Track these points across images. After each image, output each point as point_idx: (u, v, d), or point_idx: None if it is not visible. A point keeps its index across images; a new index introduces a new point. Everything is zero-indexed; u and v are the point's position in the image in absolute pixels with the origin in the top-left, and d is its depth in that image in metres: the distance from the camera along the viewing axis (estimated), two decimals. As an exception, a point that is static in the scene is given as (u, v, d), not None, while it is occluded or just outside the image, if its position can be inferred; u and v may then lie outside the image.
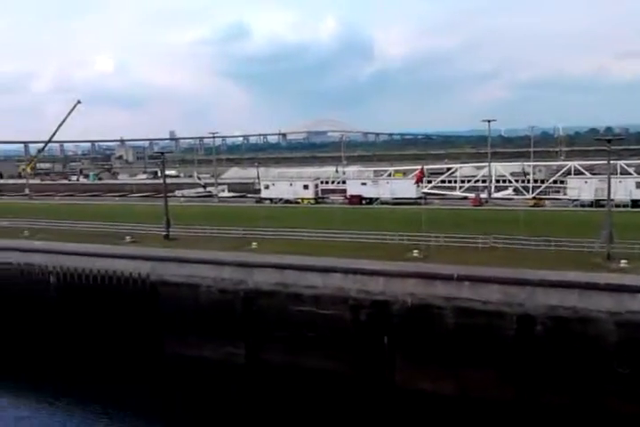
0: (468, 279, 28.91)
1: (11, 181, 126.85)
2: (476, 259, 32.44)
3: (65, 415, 29.52)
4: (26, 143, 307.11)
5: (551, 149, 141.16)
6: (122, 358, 34.89)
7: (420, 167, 60.27)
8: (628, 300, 25.75)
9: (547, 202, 60.78)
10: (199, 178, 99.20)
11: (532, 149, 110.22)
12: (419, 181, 58.94)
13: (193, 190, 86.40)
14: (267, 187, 69.92)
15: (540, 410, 26.12)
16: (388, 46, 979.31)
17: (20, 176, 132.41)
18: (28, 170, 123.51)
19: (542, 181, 68.51)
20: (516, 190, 68.50)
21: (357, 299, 30.43)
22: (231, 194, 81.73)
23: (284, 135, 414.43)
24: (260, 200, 69.38)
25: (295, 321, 31.46)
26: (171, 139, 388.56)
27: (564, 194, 61.85)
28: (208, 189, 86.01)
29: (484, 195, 64.34)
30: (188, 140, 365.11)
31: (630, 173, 62.64)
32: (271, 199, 68.66)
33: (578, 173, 65.78)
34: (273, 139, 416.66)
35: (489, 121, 68.81)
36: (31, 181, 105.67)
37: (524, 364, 26.92)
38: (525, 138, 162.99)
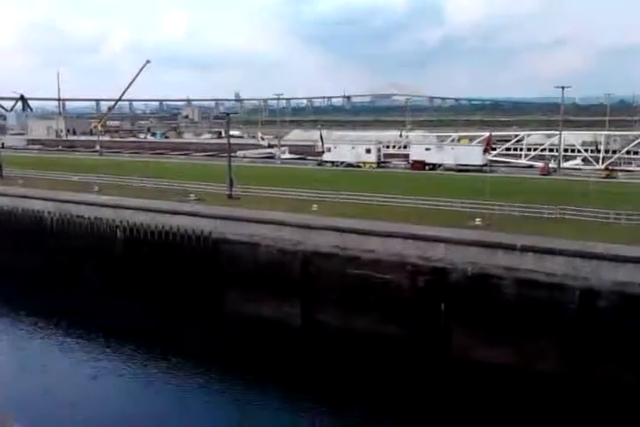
0: (531, 250, 28.16)
1: (83, 138, 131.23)
2: (542, 230, 31.48)
3: (125, 364, 30.97)
4: (97, 101, 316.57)
5: (629, 118, 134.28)
6: (182, 313, 36.14)
7: (486, 134, 58.56)
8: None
9: (619, 173, 58.13)
10: (262, 139, 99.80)
11: (607, 118, 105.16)
12: (487, 147, 57.42)
13: (255, 151, 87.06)
14: (329, 150, 69.61)
15: (596, 386, 25.54)
16: (458, 10, 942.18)
17: (91, 133, 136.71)
18: (99, 127, 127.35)
19: (614, 152, 65.44)
20: (584, 160, 65.81)
21: (416, 265, 30.24)
22: (291, 156, 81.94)
23: (348, 98, 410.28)
24: (322, 163, 69.25)
25: (352, 284, 31.62)
26: (236, 100, 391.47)
27: (638, 166, 58.95)
28: (269, 150, 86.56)
29: (552, 164, 62.10)
30: (252, 102, 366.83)
31: None
32: (333, 162, 68.40)
33: None
34: (337, 102, 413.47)
35: (562, 87, 65.62)
36: (101, 138, 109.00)
37: (585, 339, 26.27)
38: (601, 106, 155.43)
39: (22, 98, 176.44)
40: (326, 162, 68.87)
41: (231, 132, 69.66)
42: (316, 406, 26.66)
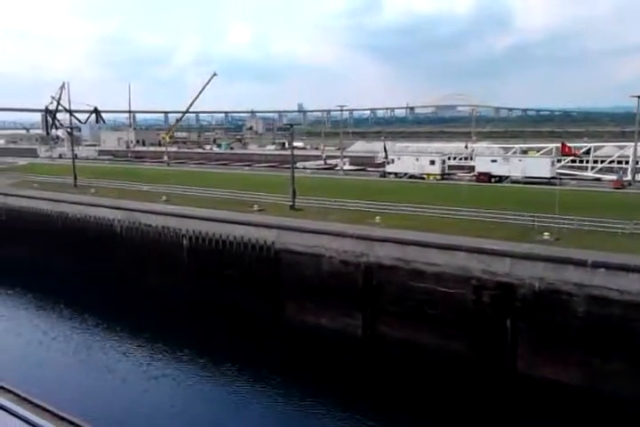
0: (603, 266, 27.00)
1: (151, 149, 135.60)
2: (615, 245, 30.17)
3: (194, 372, 31.50)
4: (166, 113, 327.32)
5: None
6: (245, 321, 36.54)
7: (551, 145, 57.17)
8: None
9: None
10: (323, 151, 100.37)
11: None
12: (569, 155, 56.78)
13: (314, 162, 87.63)
14: (392, 161, 69.26)
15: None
16: (526, 16, 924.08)
17: (159, 144, 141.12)
18: (167, 138, 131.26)
19: None
20: None
21: (481, 279, 29.53)
22: (352, 167, 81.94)
23: (411, 109, 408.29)
24: (385, 174, 68.94)
25: (414, 297, 31.19)
26: (299, 111, 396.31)
27: None
28: (329, 161, 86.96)
29: (627, 177, 59.54)
30: (315, 113, 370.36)
31: None
32: (396, 174, 68.00)
33: None
34: (400, 113, 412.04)
35: (638, 96, 63.07)
36: (169, 149, 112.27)
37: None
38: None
39: (96, 110, 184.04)
40: (390, 173, 68.50)
41: (294, 144, 70.38)
42: (374, 418, 26.31)
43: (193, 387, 29.44)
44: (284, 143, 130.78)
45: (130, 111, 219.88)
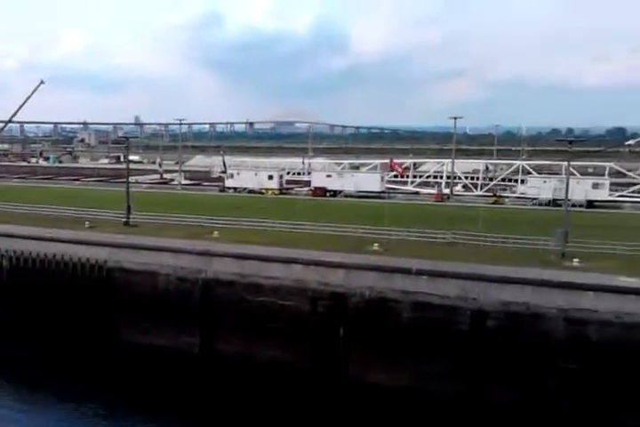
0: (426, 273, 29.32)
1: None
2: (436, 253, 32.90)
3: (17, 401, 29.01)
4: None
5: (514, 148, 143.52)
6: (76, 344, 34.36)
7: (376, 161, 61.82)
8: (577, 297, 26.49)
9: (506, 200, 61.96)
10: (160, 165, 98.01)
11: (495, 148, 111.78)
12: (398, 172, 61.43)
13: (150, 177, 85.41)
14: (231, 176, 69.55)
15: (487, 404, 26.70)
16: (362, 40, 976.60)
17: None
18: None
19: (491, 179, 70.75)
20: (465, 187, 70.73)
21: (317, 291, 30.58)
22: (188, 182, 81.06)
23: (251, 124, 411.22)
24: (224, 189, 69.00)
25: (253, 312, 31.45)
26: (135, 124, 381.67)
27: (513, 192, 64.27)
28: (166, 176, 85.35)
29: (445, 191, 65.24)
30: (153, 126, 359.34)
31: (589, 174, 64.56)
32: (235, 188, 68.36)
33: (527, 172, 67.86)
34: (240, 128, 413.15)
35: (455, 118, 69.62)
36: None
37: (476, 358, 27.48)
38: (489, 136, 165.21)
39: None
40: (229, 188, 68.76)
41: (131, 157, 67.91)
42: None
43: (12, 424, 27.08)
44: (118, 157, 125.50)
45: None
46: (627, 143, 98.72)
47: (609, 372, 25.38)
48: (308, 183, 69.78)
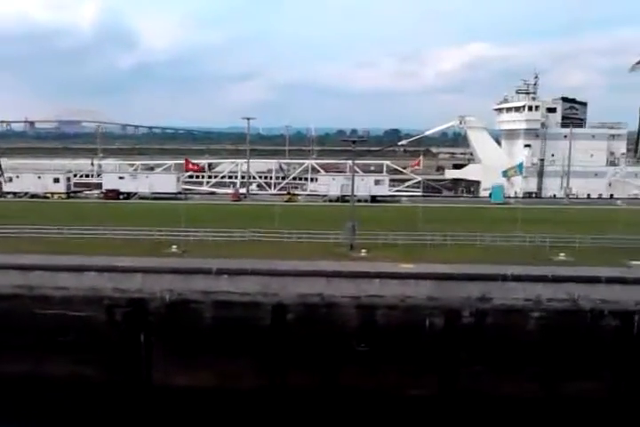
0: (226, 273, 29.64)
1: None
2: (235, 252, 33.40)
3: None
4: None
5: (304, 148, 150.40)
6: None
7: (170, 162, 60.96)
8: (365, 285, 28.79)
9: (299, 197, 64.86)
10: None
11: (287, 148, 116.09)
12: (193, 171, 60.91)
13: None
14: (10, 180, 63.53)
15: (290, 394, 27.85)
16: (151, 37, 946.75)
17: None
18: None
19: (283, 178, 74.37)
20: (259, 186, 73.52)
21: (113, 298, 29.24)
22: None
23: (31, 124, 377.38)
24: (2, 194, 62.77)
25: (42, 326, 29.04)
26: None
27: (304, 190, 68.22)
28: None
29: (243, 190, 66.35)
30: None
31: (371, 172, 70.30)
32: (15, 193, 62.55)
33: (317, 171, 72.49)
34: (18, 127, 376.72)
35: (248, 119, 70.92)
36: None
37: (278, 351, 28.46)
38: (281, 137, 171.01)
39: None
40: (8, 193, 62.73)
41: None
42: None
43: None
44: None
45: None
46: (400, 143, 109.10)
47: (395, 351, 27.92)
48: (98, 186, 66.34)
